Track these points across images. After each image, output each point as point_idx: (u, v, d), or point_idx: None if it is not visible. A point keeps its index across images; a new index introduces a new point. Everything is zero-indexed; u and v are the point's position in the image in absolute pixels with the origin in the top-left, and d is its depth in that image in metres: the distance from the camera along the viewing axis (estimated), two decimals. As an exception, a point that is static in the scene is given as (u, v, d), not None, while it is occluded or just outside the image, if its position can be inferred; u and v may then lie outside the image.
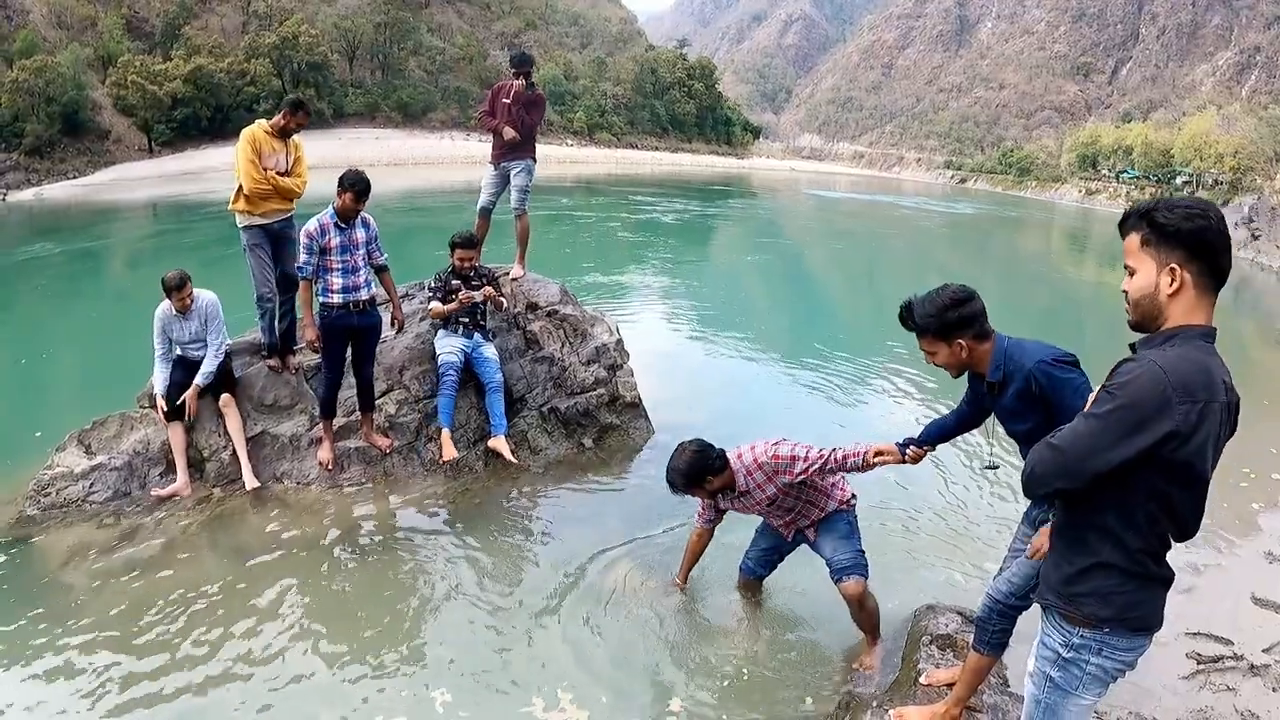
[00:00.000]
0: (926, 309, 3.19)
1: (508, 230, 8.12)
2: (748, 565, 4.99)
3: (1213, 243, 2.12)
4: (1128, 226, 2.26)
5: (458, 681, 4.27)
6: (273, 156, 6.20)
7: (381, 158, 50.35)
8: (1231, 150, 61.68)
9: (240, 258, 6.37)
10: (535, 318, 7.61)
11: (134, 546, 5.40)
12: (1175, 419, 2.04)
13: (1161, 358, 2.09)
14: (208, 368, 6.06)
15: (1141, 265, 2.21)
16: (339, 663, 4.35)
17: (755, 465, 4.31)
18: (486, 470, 6.71)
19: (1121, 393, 2.09)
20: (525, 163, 7.59)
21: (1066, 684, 2.44)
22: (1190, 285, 2.14)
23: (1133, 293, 2.24)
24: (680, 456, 4.29)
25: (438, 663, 4.42)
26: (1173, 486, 2.16)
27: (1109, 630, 2.34)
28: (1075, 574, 2.36)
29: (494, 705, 4.15)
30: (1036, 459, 2.25)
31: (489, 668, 4.38)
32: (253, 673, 4.24)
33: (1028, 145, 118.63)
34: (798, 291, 20.69)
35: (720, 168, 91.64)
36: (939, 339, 3.21)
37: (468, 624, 4.72)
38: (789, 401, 9.85)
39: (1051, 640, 2.45)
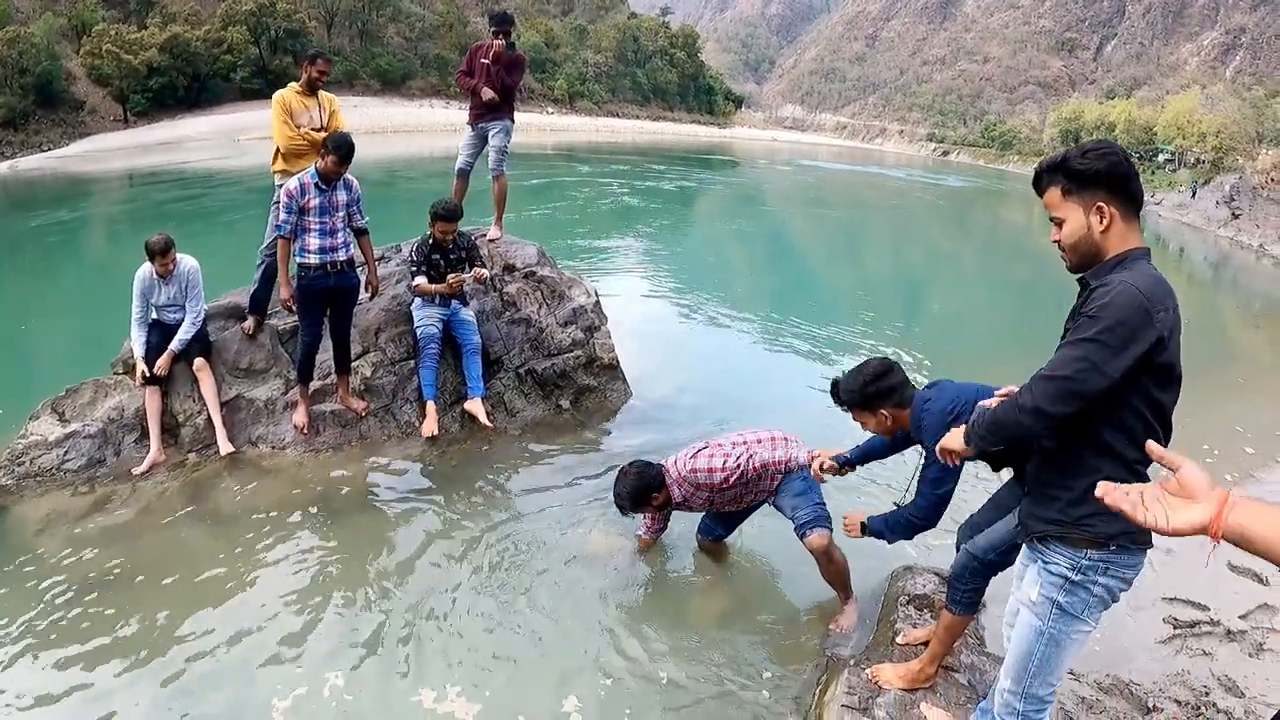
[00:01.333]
0: (850, 385, 3.56)
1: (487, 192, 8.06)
2: (706, 526, 5.03)
3: (1126, 174, 2.32)
4: (1044, 183, 2.44)
5: (430, 641, 4.27)
6: (305, 114, 6.34)
7: (360, 126, 48.98)
8: (1214, 130, 61.98)
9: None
10: (512, 279, 7.57)
11: (109, 514, 5.35)
12: (1158, 325, 2.20)
13: (1128, 277, 2.24)
14: (184, 334, 6.03)
15: (1069, 213, 2.39)
16: (312, 628, 4.33)
17: (681, 479, 4.45)
18: (463, 432, 6.69)
19: (1104, 313, 2.20)
20: (503, 123, 7.50)
21: (1073, 608, 2.50)
22: (1118, 218, 2.33)
23: (1067, 239, 2.41)
24: (623, 481, 4.47)
25: (412, 625, 4.40)
26: (1159, 390, 2.31)
27: (1114, 548, 2.42)
28: (1076, 497, 2.43)
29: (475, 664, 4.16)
30: (1038, 393, 2.32)
31: (468, 628, 4.39)
32: (228, 638, 4.21)
33: (1010, 119, 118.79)
34: (779, 260, 20.69)
35: (702, 137, 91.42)
36: (864, 411, 3.57)
37: (442, 589, 4.69)
38: (766, 366, 9.97)
39: (1057, 566, 2.50)
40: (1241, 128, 59.66)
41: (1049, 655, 2.58)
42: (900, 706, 3.55)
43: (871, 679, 3.72)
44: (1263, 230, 28.55)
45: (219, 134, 44.62)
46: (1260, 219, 29.54)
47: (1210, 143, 60.29)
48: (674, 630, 4.49)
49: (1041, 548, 2.57)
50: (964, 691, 3.75)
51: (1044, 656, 2.58)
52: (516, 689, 3.97)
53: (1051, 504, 2.52)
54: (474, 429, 6.67)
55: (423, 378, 6.52)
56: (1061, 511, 2.48)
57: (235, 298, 6.84)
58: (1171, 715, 3.99)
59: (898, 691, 3.62)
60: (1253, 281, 22.24)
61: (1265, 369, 12.38)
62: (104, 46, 50.52)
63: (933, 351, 11.45)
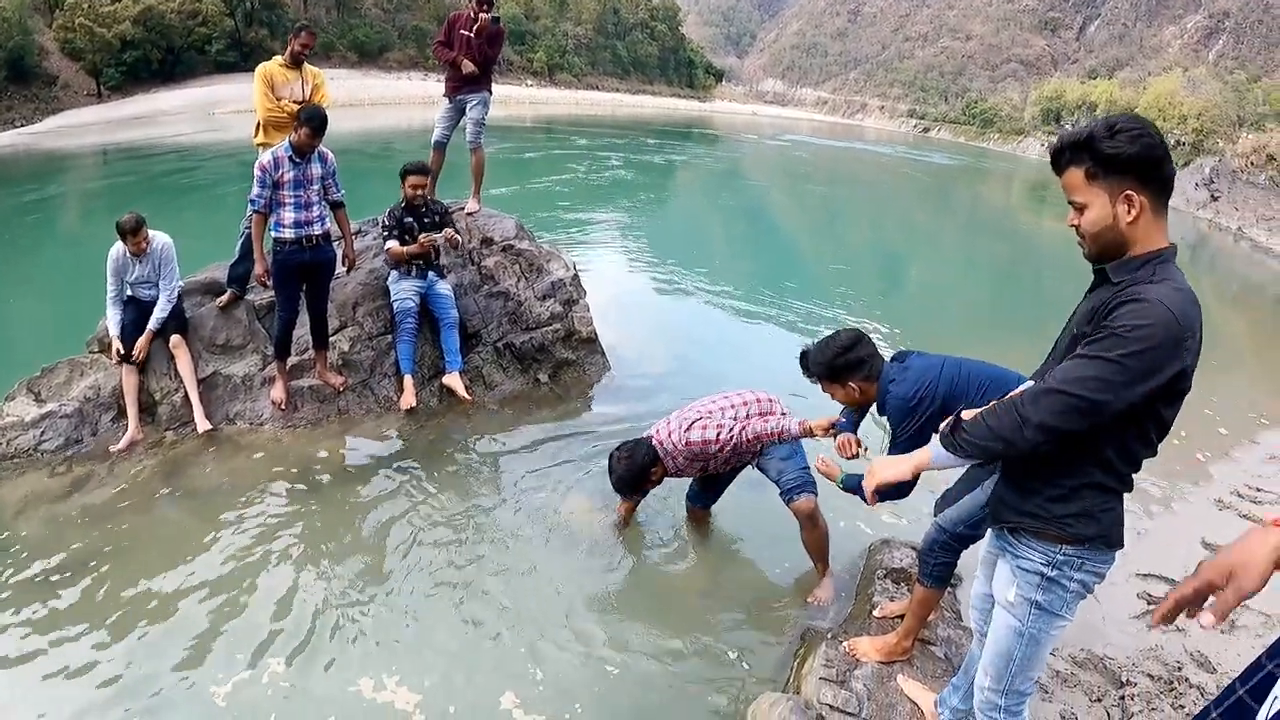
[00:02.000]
0: (818, 358, 3.53)
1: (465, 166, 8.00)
2: (693, 494, 5.05)
3: (1159, 159, 2.08)
4: (1065, 161, 2.19)
5: (414, 620, 4.29)
6: (287, 86, 6.32)
7: (337, 98, 47.69)
8: (1195, 112, 62.13)
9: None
10: (490, 253, 7.53)
11: (87, 494, 5.31)
12: (1185, 357, 2.05)
13: (1165, 296, 2.04)
14: (160, 313, 5.96)
15: (1092, 199, 2.15)
16: (276, 611, 4.31)
17: (676, 451, 4.43)
18: (441, 406, 6.67)
19: (1134, 336, 2.02)
20: (481, 95, 7.42)
21: (1051, 605, 2.42)
22: (1148, 208, 2.10)
23: (1088, 228, 2.18)
24: (617, 466, 4.47)
25: (392, 600, 4.41)
26: (1167, 408, 2.18)
27: (1088, 546, 2.34)
28: (1061, 494, 2.32)
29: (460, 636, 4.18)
30: (1044, 407, 2.13)
31: (437, 610, 4.40)
32: (208, 616, 4.20)
33: (992, 97, 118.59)
34: (758, 234, 20.69)
35: (682, 110, 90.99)
36: (833, 383, 3.55)
37: (415, 568, 4.69)
38: (744, 339, 10.01)
39: (1031, 562, 2.41)
40: (1223, 111, 59.93)
41: (1030, 653, 2.51)
42: (877, 679, 3.58)
43: (849, 652, 3.75)
44: (1241, 213, 28.74)
45: (194, 108, 43.99)
46: (1239, 202, 29.74)
47: (1191, 125, 60.45)
48: (651, 603, 4.52)
49: (1012, 540, 2.49)
50: (940, 664, 3.80)
51: (1025, 655, 2.51)
52: (485, 667, 3.98)
53: (1029, 496, 2.40)
54: (452, 403, 6.65)
55: (400, 351, 6.49)
56: (1040, 506, 2.37)
57: (212, 273, 6.77)
58: (1145, 689, 4.05)
59: (875, 664, 3.66)
60: (1230, 264, 22.41)
61: (1239, 351, 12.47)
62: (77, 20, 49.43)
63: (909, 326, 11.55)
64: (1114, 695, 3.98)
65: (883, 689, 3.53)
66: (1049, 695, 3.88)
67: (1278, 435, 8.07)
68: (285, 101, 6.30)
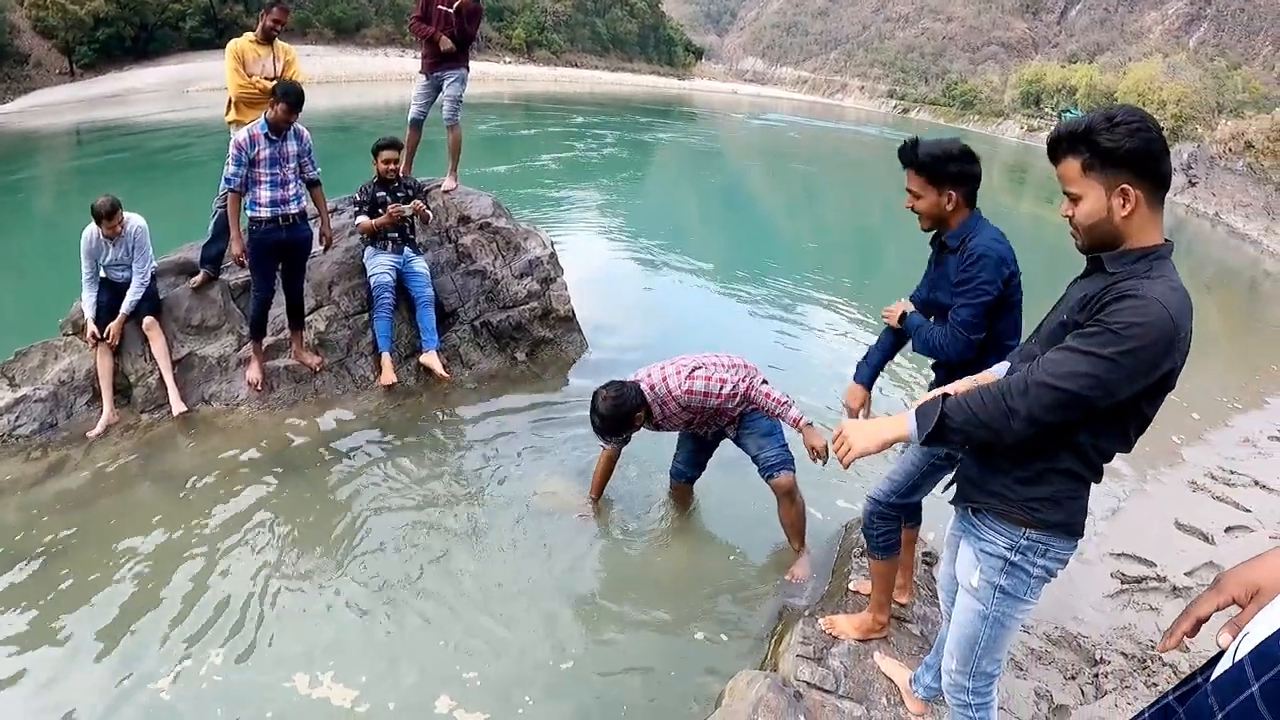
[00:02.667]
0: (933, 150, 3.14)
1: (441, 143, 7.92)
2: (677, 469, 5.02)
3: (1157, 154, 2.06)
4: (1061, 152, 2.16)
5: (388, 603, 4.27)
6: (259, 63, 6.25)
7: (313, 75, 46.84)
8: (1174, 98, 62.50)
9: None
10: (467, 231, 7.47)
11: (63, 478, 5.24)
12: (1176, 356, 2.05)
13: (1162, 294, 2.01)
14: (133, 295, 5.89)
15: (1087, 191, 2.13)
16: (271, 586, 4.31)
17: (670, 397, 4.34)
18: (418, 386, 6.64)
19: (1130, 334, 2.00)
20: (459, 72, 7.32)
21: (1015, 590, 2.40)
22: (1143, 202, 2.08)
23: (1082, 220, 2.16)
24: (602, 404, 4.30)
25: (367, 581, 4.40)
26: (1149, 404, 2.17)
27: (1052, 532, 2.32)
28: (1029, 477, 2.29)
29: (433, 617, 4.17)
30: (1033, 399, 2.10)
31: (424, 585, 4.40)
32: (184, 599, 4.18)
33: (972, 79, 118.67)
34: (737, 213, 20.64)
35: (661, 88, 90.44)
36: (932, 183, 3.17)
37: (391, 549, 4.68)
38: (722, 317, 10.04)
39: (994, 546, 2.39)
40: (1202, 97, 60.36)
41: (995, 636, 2.50)
42: (854, 657, 3.60)
43: (826, 629, 3.76)
44: (1218, 199, 28.91)
45: (168, 85, 43.36)
46: (1216, 188, 29.89)
47: (1170, 111, 60.80)
48: (626, 582, 4.53)
49: (975, 521, 2.46)
50: (916, 642, 3.81)
51: (990, 638, 2.50)
52: (456, 646, 3.99)
53: (996, 475, 2.36)
54: (429, 382, 6.63)
55: (377, 329, 6.47)
56: (1007, 486, 2.34)
57: (185, 253, 6.68)
58: (1118, 667, 4.09)
59: (852, 642, 3.67)
60: (1206, 249, 22.56)
61: (1214, 335, 12.50)
62: (50, -3, 48.73)
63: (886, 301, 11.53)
64: (1088, 673, 4.02)
65: (859, 666, 3.55)
66: (1024, 672, 3.92)
67: (1250, 419, 8.16)
68: (257, 78, 6.24)
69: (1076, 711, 3.74)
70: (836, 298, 11.44)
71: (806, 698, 3.29)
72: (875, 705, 3.36)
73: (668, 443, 5.05)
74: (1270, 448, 7.38)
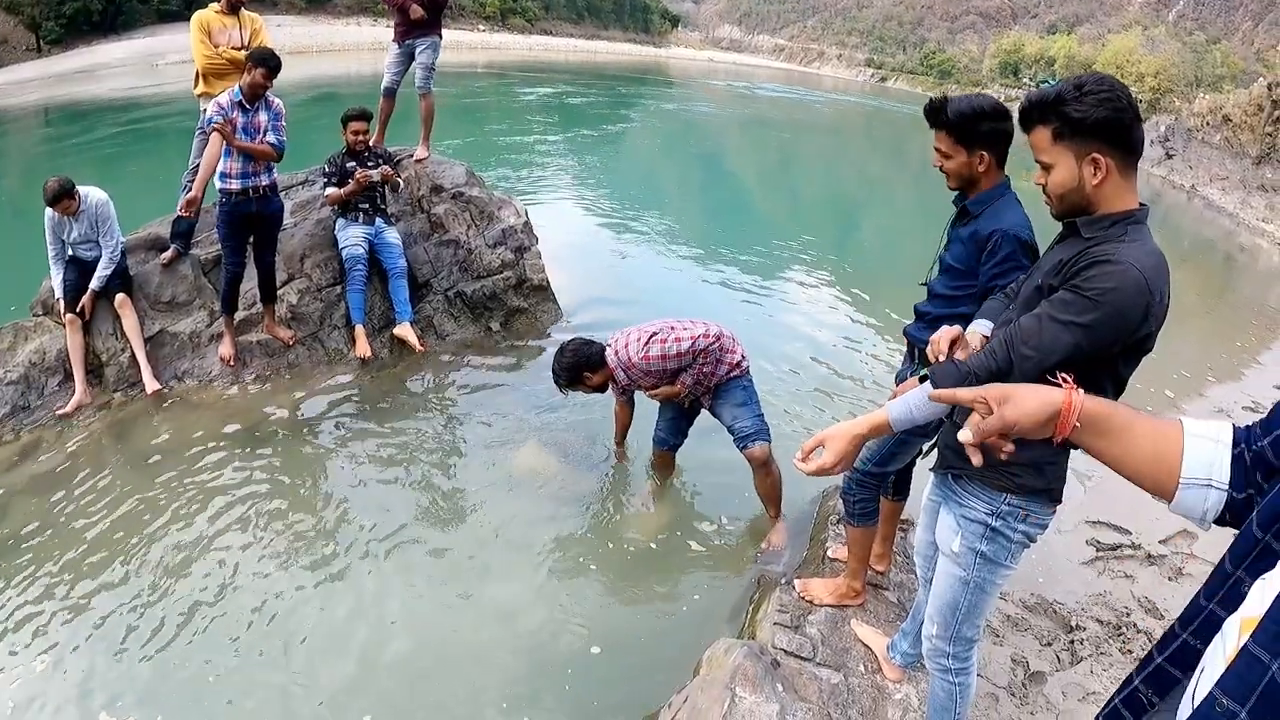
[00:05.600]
0: (963, 107, 2.90)
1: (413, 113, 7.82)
2: (659, 436, 5.01)
3: (1128, 122, 2.04)
4: (1032, 120, 2.15)
5: (369, 575, 4.27)
6: (224, 33, 6.19)
7: (284, 45, 45.68)
8: (1153, 71, 62.38)
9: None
10: (440, 200, 7.42)
11: (36, 461, 5.17)
12: (1150, 321, 2.04)
13: (1135, 259, 2.01)
14: (103, 271, 5.80)
15: (1059, 160, 2.12)
16: (248, 562, 4.29)
17: (630, 364, 4.41)
18: (392, 358, 6.61)
19: (1105, 300, 2.00)
20: (431, 40, 7.21)
21: (996, 555, 2.41)
22: (1114, 170, 2.07)
23: (1054, 189, 2.15)
24: (561, 356, 4.50)
25: (344, 554, 4.39)
26: (1125, 366, 2.17)
27: (1032, 498, 2.33)
28: (1011, 443, 2.29)
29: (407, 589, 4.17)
30: (1017, 372, 2.10)
31: (401, 556, 4.41)
32: (160, 578, 4.16)
33: (950, 49, 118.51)
34: (713, 182, 20.56)
35: (637, 56, 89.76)
36: (962, 143, 2.93)
37: (367, 523, 4.66)
38: (698, 286, 10.01)
39: (975, 512, 2.40)
40: (1180, 71, 60.40)
41: (975, 601, 2.51)
42: (831, 624, 3.60)
43: (801, 593, 3.77)
44: (1195, 172, 28.98)
45: (136, 59, 42.62)
46: (1193, 161, 29.95)
47: (1148, 84, 60.80)
48: (603, 551, 4.55)
49: (956, 487, 2.47)
50: (893, 609, 3.84)
51: (971, 603, 2.51)
52: (429, 620, 3.99)
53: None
54: (404, 354, 6.60)
55: (350, 301, 6.43)
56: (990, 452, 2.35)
57: (155, 229, 6.60)
58: (1094, 634, 4.12)
59: (829, 609, 3.68)
60: (1182, 221, 22.63)
61: (1189, 307, 12.45)
62: (16, -29, 47.72)
63: (866, 275, 11.60)
64: (1064, 639, 4.05)
65: (836, 633, 3.56)
66: (1000, 639, 3.93)
67: (1225, 390, 8.21)
68: (224, 49, 6.17)
69: (1052, 678, 3.77)
70: (812, 265, 11.51)
71: (784, 665, 3.29)
72: (852, 672, 3.37)
73: (650, 411, 5.05)
74: (1244, 418, 7.23)
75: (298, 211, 6.97)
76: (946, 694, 2.69)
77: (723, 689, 2.97)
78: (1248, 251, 18.75)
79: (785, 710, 2.93)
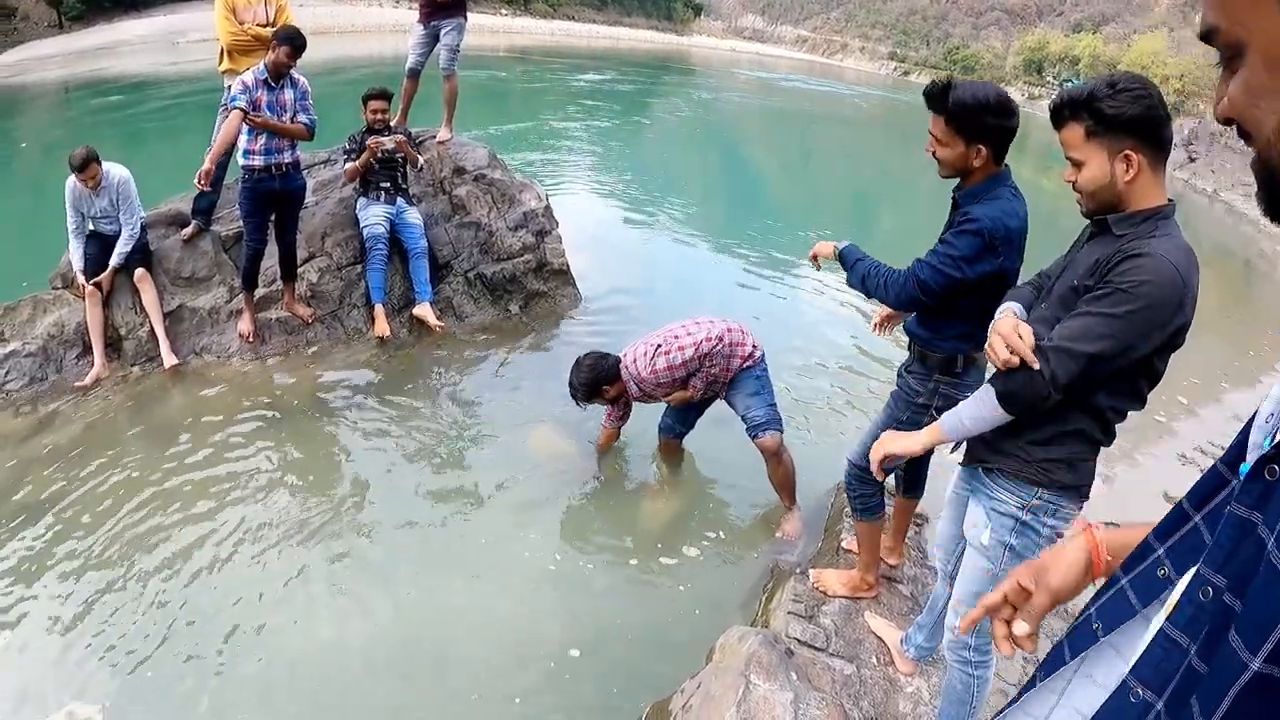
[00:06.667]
0: (966, 97, 2.78)
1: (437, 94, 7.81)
2: (666, 424, 5.03)
3: (1160, 120, 2.07)
4: (1064, 118, 2.16)
5: (385, 544, 4.30)
6: (250, 10, 6.18)
7: (306, 26, 45.39)
8: (1178, 73, 61.73)
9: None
10: (462, 182, 7.42)
11: (55, 433, 5.18)
12: (1186, 312, 2.06)
13: (1169, 252, 2.03)
14: (123, 247, 5.82)
15: (1091, 157, 2.13)
16: (264, 537, 4.30)
17: (641, 379, 4.46)
18: (411, 338, 6.62)
19: (1141, 292, 2.02)
20: (456, 21, 7.19)
21: (1025, 549, 2.40)
22: (1146, 167, 2.09)
23: (1085, 185, 2.16)
24: (578, 372, 4.54)
25: (359, 532, 4.41)
26: (1160, 360, 2.18)
27: (1063, 493, 2.33)
28: (1045, 439, 2.30)
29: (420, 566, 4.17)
30: (1058, 366, 2.10)
31: (415, 536, 4.41)
32: (176, 552, 4.16)
33: (974, 44, 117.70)
34: (735, 171, 20.50)
35: (659, 44, 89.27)
36: (961, 134, 2.82)
37: (382, 501, 4.68)
38: (718, 274, 9.99)
39: (1006, 505, 2.39)
40: (1206, 74, 59.57)
41: None
42: (845, 615, 3.61)
43: (815, 583, 3.78)
44: (1218, 176, 28.75)
45: (158, 36, 42.57)
46: (1216, 165, 29.70)
47: (1173, 85, 60.25)
48: (618, 536, 4.55)
49: (987, 481, 2.45)
50: (906, 602, 3.84)
51: None
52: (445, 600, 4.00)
53: (1010, 437, 2.34)
54: (422, 334, 6.61)
55: (370, 280, 6.44)
56: (1021, 449, 2.33)
57: (176, 205, 6.62)
58: None
59: (843, 601, 3.68)
60: (1203, 225, 22.42)
61: (1208, 311, 12.26)
62: (35, -54, 47.75)
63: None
64: (1075, 637, 4.04)
65: (850, 625, 3.57)
66: (1011, 636, 3.92)
67: (1241, 396, 8.16)
68: (249, 25, 6.16)
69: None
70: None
71: (797, 655, 3.29)
72: (865, 664, 3.38)
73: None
74: (1260, 425, 7.38)
75: (320, 190, 6.99)
76: (965, 686, 2.69)
77: (737, 675, 2.97)
78: (1268, 259, 18.63)
79: (799, 699, 2.93)
